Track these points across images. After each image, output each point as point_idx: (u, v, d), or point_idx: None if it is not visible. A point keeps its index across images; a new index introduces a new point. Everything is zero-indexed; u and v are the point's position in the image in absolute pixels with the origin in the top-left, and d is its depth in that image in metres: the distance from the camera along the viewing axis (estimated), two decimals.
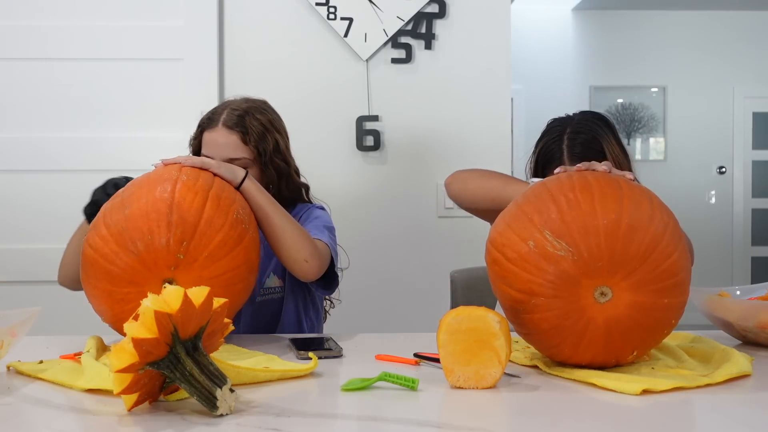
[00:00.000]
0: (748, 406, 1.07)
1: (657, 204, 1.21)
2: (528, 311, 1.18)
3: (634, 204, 1.17)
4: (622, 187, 1.20)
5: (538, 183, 1.29)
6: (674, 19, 6.54)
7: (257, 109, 1.78)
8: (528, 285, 1.16)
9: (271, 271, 1.77)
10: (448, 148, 2.65)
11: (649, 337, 1.19)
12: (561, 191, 1.20)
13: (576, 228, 1.14)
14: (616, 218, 1.14)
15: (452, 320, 1.14)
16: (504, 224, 1.24)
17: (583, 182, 1.21)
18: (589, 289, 1.14)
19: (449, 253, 2.61)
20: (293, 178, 1.81)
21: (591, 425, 0.99)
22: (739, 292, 1.63)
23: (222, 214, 1.38)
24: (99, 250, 1.34)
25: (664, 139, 6.58)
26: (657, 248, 1.14)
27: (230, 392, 1.00)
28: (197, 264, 1.33)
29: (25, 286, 2.52)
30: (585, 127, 1.77)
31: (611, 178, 1.24)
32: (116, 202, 1.39)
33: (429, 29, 2.63)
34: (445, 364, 1.14)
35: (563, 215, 1.16)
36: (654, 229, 1.15)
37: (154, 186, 1.38)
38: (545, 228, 1.16)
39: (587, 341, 1.17)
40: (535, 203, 1.21)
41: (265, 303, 1.77)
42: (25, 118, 2.58)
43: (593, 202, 1.16)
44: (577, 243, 1.13)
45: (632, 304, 1.14)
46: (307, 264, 1.55)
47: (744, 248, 6.63)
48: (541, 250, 1.15)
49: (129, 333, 0.96)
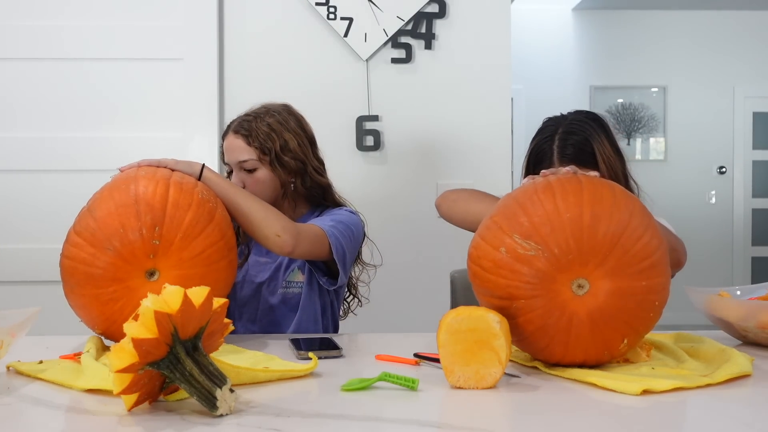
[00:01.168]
0: (748, 406, 1.07)
1: (619, 193, 1.24)
2: (512, 316, 1.20)
3: (595, 196, 1.20)
4: (581, 183, 1.24)
5: (505, 195, 1.34)
6: (674, 19, 6.53)
7: (268, 112, 1.85)
8: (507, 290, 1.19)
9: (295, 265, 1.83)
10: (448, 148, 2.65)
11: (635, 322, 1.20)
12: (524, 195, 1.25)
13: (542, 227, 1.18)
14: (578, 211, 1.18)
15: (452, 320, 1.14)
16: (478, 237, 1.28)
17: (545, 184, 1.25)
18: (565, 284, 1.17)
19: (449, 253, 2.61)
20: (311, 176, 1.84)
21: (591, 425, 0.99)
22: (739, 292, 1.63)
23: (187, 195, 1.41)
24: (76, 257, 1.36)
25: (664, 139, 6.58)
26: (624, 233, 1.17)
27: (230, 392, 1.00)
28: (174, 247, 1.35)
29: (25, 286, 2.52)
30: (577, 128, 1.76)
31: (572, 176, 1.27)
32: (83, 212, 1.42)
33: (429, 29, 2.63)
34: (445, 364, 1.14)
35: (529, 217, 1.20)
36: (618, 216, 1.18)
37: (116, 188, 1.41)
38: (513, 232, 1.20)
39: (574, 337, 1.18)
40: (504, 212, 1.25)
41: (286, 296, 1.82)
42: (25, 118, 2.59)
43: (555, 200, 1.20)
44: (545, 240, 1.17)
45: (611, 291, 1.17)
46: (280, 238, 1.58)
47: (744, 248, 6.63)
48: (513, 254, 1.19)
49: (129, 333, 0.96)
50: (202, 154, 2.54)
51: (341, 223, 1.75)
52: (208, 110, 2.59)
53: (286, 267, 1.83)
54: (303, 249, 1.63)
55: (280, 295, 1.82)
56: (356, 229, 1.80)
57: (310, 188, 1.85)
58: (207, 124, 2.59)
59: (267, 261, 1.85)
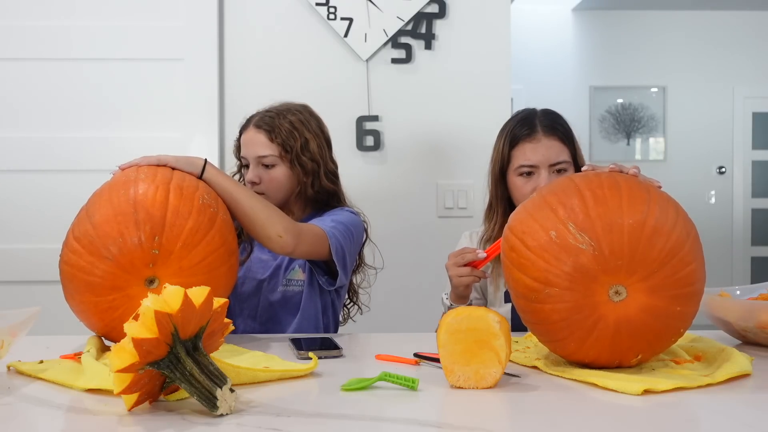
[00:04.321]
0: (748, 406, 1.07)
1: (682, 213, 1.22)
2: (540, 300, 1.17)
3: (661, 209, 1.18)
4: (650, 192, 1.21)
5: (564, 177, 1.30)
6: (674, 19, 6.53)
7: (290, 110, 1.86)
8: (544, 274, 1.16)
9: (296, 264, 1.83)
10: (448, 148, 2.65)
11: (656, 343, 1.19)
12: (588, 187, 1.20)
13: (600, 224, 1.14)
14: (641, 219, 1.14)
15: (452, 320, 1.14)
16: (526, 213, 1.24)
17: (612, 181, 1.21)
18: (604, 286, 1.14)
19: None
20: (322, 179, 1.85)
21: (591, 425, 0.99)
22: (739, 292, 1.63)
23: (187, 202, 1.38)
24: (75, 264, 1.34)
25: (664, 139, 6.58)
26: (678, 255, 1.15)
27: (230, 392, 1.00)
28: (174, 256, 1.33)
29: (25, 286, 2.52)
30: (552, 111, 1.82)
31: (640, 182, 1.25)
32: (81, 215, 1.40)
33: (429, 29, 2.63)
34: (445, 364, 1.14)
35: (588, 210, 1.16)
36: (677, 235, 1.16)
37: (114, 191, 1.38)
38: (569, 220, 1.16)
39: (594, 338, 1.16)
40: (560, 195, 1.21)
41: (286, 295, 1.82)
42: (25, 118, 2.59)
43: (621, 200, 1.17)
44: (599, 238, 1.14)
45: (645, 307, 1.14)
46: (282, 239, 1.57)
47: (744, 248, 6.63)
48: (563, 241, 1.15)
49: (129, 333, 0.96)
50: (202, 154, 2.53)
51: (341, 224, 1.75)
52: (208, 110, 2.59)
53: (287, 265, 1.83)
54: (303, 249, 1.63)
55: (280, 293, 1.82)
56: (356, 229, 1.80)
57: (317, 192, 1.85)
58: (207, 124, 2.59)
59: (268, 259, 1.85)
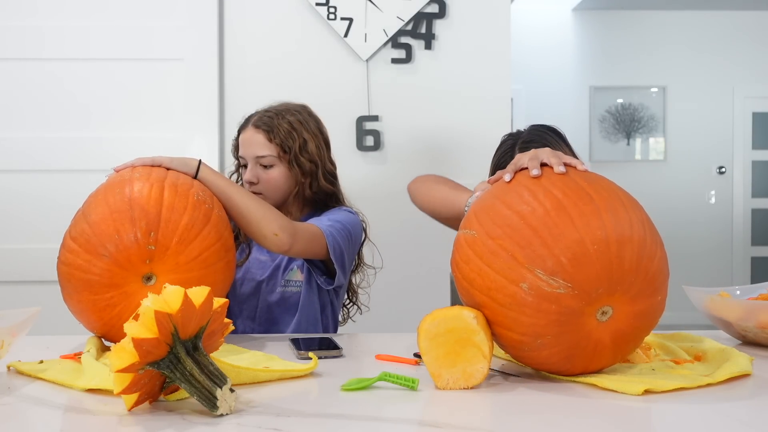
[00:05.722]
0: (748, 406, 1.07)
1: (626, 201, 1.16)
2: (534, 349, 1.14)
3: (611, 213, 1.12)
4: (592, 197, 1.14)
5: (500, 204, 1.19)
6: (674, 19, 6.53)
7: (289, 110, 1.85)
8: (532, 328, 1.11)
9: (295, 264, 1.83)
10: (448, 148, 2.65)
11: (648, 332, 1.21)
12: (538, 221, 1.12)
13: (566, 259, 1.08)
14: (602, 236, 1.09)
15: (429, 325, 1.13)
16: (480, 261, 1.16)
17: (554, 202, 1.13)
18: (591, 315, 1.12)
19: (449, 252, 2.60)
20: (320, 180, 1.85)
21: (591, 425, 0.99)
22: (739, 292, 1.63)
23: (182, 199, 1.39)
24: (72, 263, 1.35)
25: (664, 139, 6.58)
26: (645, 252, 1.12)
27: (230, 392, 0.99)
28: (170, 251, 1.34)
29: (25, 286, 2.52)
30: (536, 137, 1.77)
31: (573, 185, 1.16)
32: (78, 216, 1.41)
33: (429, 29, 2.63)
34: (432, 369, 1.13)
35: (551, 250, 1.09)
36: (637, 234, 1.12)
37: (110, 190, 1.40)
38: (535, 267, 1.09)
39: (597, 358, 1.17)
40: (515, 238, 1.12)
41: (285, 295, 1.82)
42: (25, 118, 2.59)
43: (573, 223, 1.10)
44: (573, 277, 1.08)
45: (633, 314, 1.14)
46: (277, 237, 1.57)
47: (744, 248, 6.63)
48: (538, 291, 1.09)
49: (129, 333, 0.96)
50: (201, 154, 2.54)
51: (339, 223, 1.75)
52: (208, 110, 2.59)
53: (285, 266, 1.83)
54: (300, 248, 1.63)
55: (278, 294, 1.82)
56: (354, 229, 1.80)
57: (315, 193, 1.85)
58: (207, 124, 2.59)
59: (266, 260, 1.85)
